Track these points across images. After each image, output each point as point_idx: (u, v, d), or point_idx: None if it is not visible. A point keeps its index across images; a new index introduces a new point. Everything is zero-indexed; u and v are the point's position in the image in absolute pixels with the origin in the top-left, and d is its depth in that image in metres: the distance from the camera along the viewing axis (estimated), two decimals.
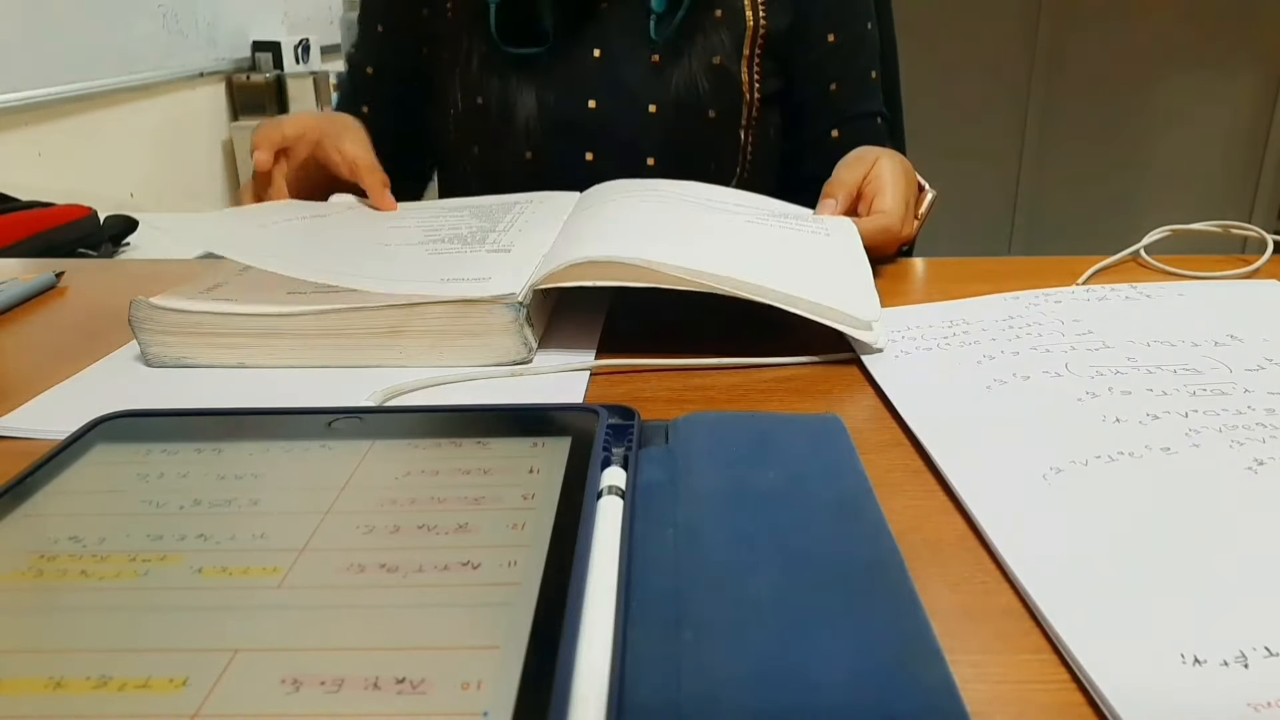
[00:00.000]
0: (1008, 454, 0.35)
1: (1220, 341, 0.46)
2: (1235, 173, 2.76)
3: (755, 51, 0.80)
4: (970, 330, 0.49)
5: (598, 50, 0.79)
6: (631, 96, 0.79)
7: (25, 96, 1.87)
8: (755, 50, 0.79)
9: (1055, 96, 2.73)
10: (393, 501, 0.30)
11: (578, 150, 0.80)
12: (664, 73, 0.78)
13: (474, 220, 0.61)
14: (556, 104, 0.79)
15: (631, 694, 0.22)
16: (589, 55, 0.79)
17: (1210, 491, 0.32)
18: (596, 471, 0.31)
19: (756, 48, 0.79)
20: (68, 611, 0.25)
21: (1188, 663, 0.24)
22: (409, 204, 0.72)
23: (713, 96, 0.79)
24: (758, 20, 0.79)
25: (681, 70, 0.78)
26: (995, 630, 0.27)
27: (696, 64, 0.78)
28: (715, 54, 0.78)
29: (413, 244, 0.56)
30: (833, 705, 0.22)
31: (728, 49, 0.78)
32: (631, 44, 0.78)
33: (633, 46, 0.78)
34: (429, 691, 0.21)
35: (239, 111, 2.68)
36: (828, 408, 0.42)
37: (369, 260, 0.53)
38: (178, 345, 0.48)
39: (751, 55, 0.80)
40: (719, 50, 0.78)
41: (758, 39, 0.79)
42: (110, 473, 0.32)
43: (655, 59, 0.78)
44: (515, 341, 0.47)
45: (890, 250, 0.64)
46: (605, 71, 0.79)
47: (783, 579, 0.26)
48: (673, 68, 0.78)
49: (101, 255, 1.61)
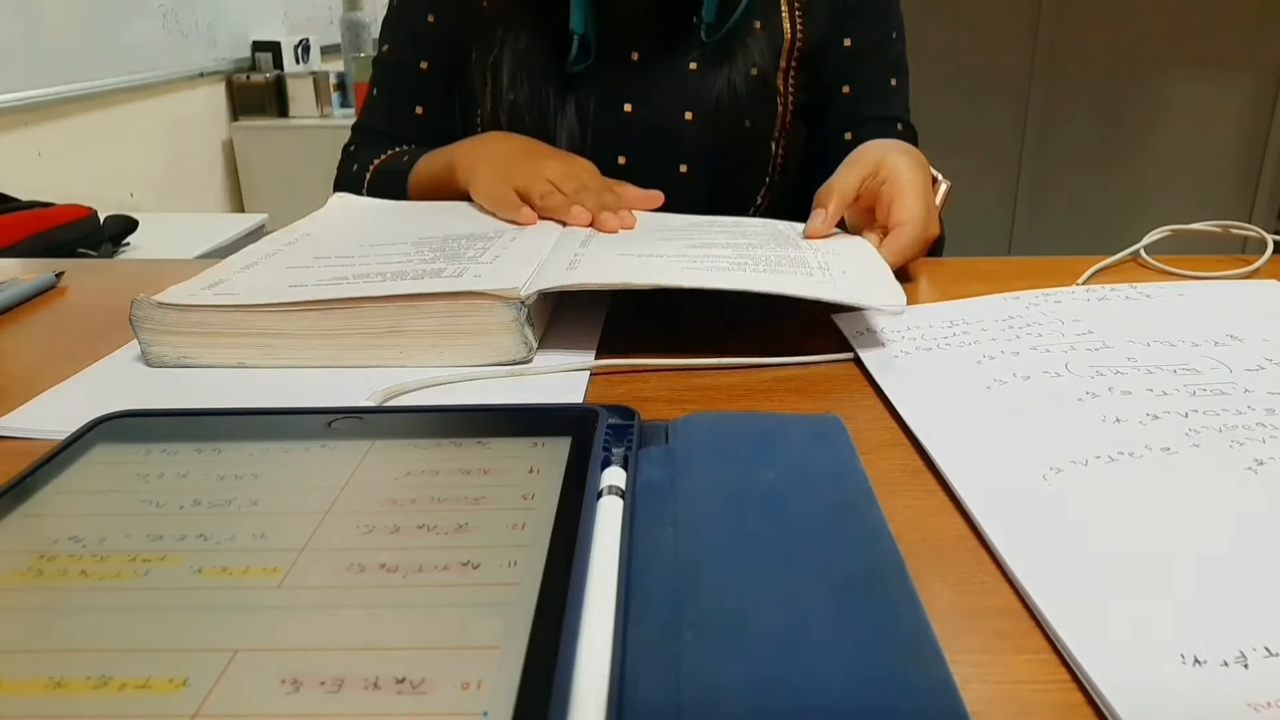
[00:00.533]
0: (1008, 454, 0.35)
1: (1220, 341, 0.46)
2: (1235, 173, 2.76)
3: (792, 64, 0.80)
4: (970, 330, 0.49)
5: (636, 54, 0.79)
6: (668, 103, 0.78)
7: (25, 96, 1.87)
8: (792, 62, 0.79)
9: (1055, 96, 2.73)
10: (393, 501, 0.30)
11: (611, 154, 0.80)
12: (702, 81, 0.78)
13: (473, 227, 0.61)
14: (593, 107, 0.78)
15: (631, 694, 0.22)
16: (628, 59, 0.79)
17: (1210, 492, 0.32)
18: (596, 471, 0.31)
19: (793, 60, 0.79)
20: (68, 611, 0.25)
21: (1188, 663, 0.24)
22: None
23: (749, 106, 0.79)
24: (794, 32, 0.79)
25: (720, 79, 0.78)
26: (995, 630, 0.27)
27: (735, 74, 0.78)
28: (753, 65, 0.78)
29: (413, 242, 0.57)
30: (833, 705, 0.22)
31: (766, 60, 0.78)
32: (672, 51, 0.78)
33: (672, 54, 0.78)
34: (429, 691, 0.21)
35: (239, 111, 2.68)
36: (828, 408, 0.42)
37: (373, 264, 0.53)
38: (179, 345, 0.48)
39: (788, 67, 0.79)
40: (757, 61, 0.78)
41: (794, 51, 0.79)
42: (110, 473, 0.32)
43: (693, 66, 0.78)
44: (515, 340, 0.47)
45: (921, 255, 0.61)
46: (643, 76, 0.79)
47: (783, 579, 0.26)
48: (711, 77, 0.78)
49: (101, 255, 1.61)
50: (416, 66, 0.83)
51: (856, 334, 0.49)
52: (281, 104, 2.66)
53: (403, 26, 0.84)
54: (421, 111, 0.84)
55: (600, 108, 0.79)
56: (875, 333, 0.49)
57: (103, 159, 2.14)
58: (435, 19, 0.82)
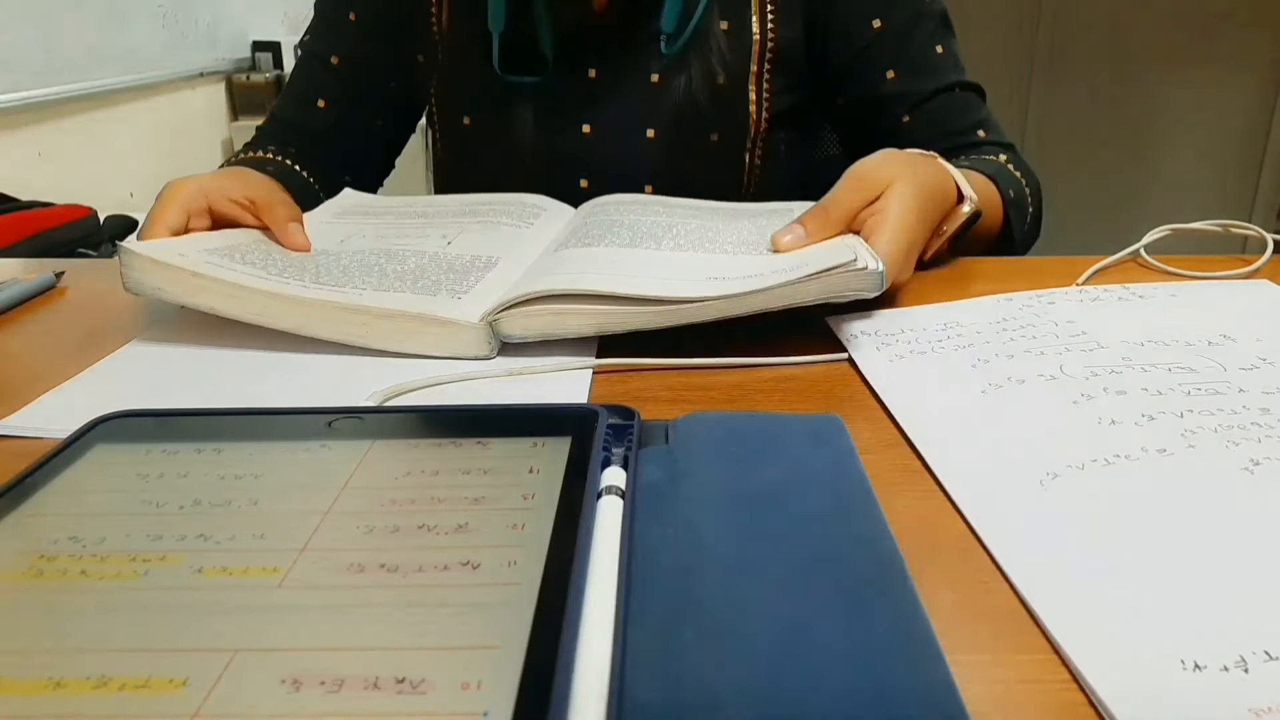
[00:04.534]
0: (1004, 461, 0.35)
1: (1214, 341, 0.46)
2: (1235, 173, 2.76)
3: (764, 68, 0.75)
4: (965, 333, 0.49)
5: (594, 71, 0.75)
6: (629, 121, 0.75)
7: (25, 96, 1.87)
8: (764, 66, 0.75)
9: (1055, 96, 2.73)
10: (393, 501, 0.30)
11: (572, 178, 0.76)
12: (664, 93, 0.74)
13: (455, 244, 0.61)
14: (550, 129, 0.75)
15: (631, 694, 0.22)
16: (585, 75, 0.75)
17: (1207, 493, 0.32)
18: (596, 471, 0.31)
19: (765, 63, 0.75)
20: (68, 611, 0.25)
21: (1188, 669, 0.24)
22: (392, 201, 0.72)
23: (715, 120, 0.74)
24: (765, 31, 0.74)
25: (683, 91, 0.73)
26: (995, 630, 0.27)
27: (698, 83, 0.73)
28: (720, 73, 0.73)
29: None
30: (832, 705, 0.22)
31: (733, 66, 0.74)
32: (631, 64, 0.74)
33: (632, 67, 0.74)
34: (429, 691, 0.21)
35: (239, 111, 2.68)
36: (828, 408, 0.42)
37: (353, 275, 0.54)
38: (156, 279, 0.50)
39: (760, 72, 0.75)
40: (723, 69, 0.73)
41: (766, 53, 0.74)
42: (110, 473, 0.32)
43: (655, 79, 0.74)
44: (478, 338, 0.47)
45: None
46: (602, 94, 0.75)
47: (783, 579, 0.26)
48: (674, 88, 0.73)
49: (101, 255, 1.61)
50: (327, 60, 0.82)
51: (851, 337, 0.49)
52: None
53: (322, 18, 0.83)
54: (324, 105, 0.81)
55: (558, 131, 0.75)
56: (871, 335, 0.49)
57: (103, 159, 2.14)
58: (355, 17, 0.81)
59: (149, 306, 0.57)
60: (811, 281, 0.47)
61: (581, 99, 0.75)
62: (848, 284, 0.47)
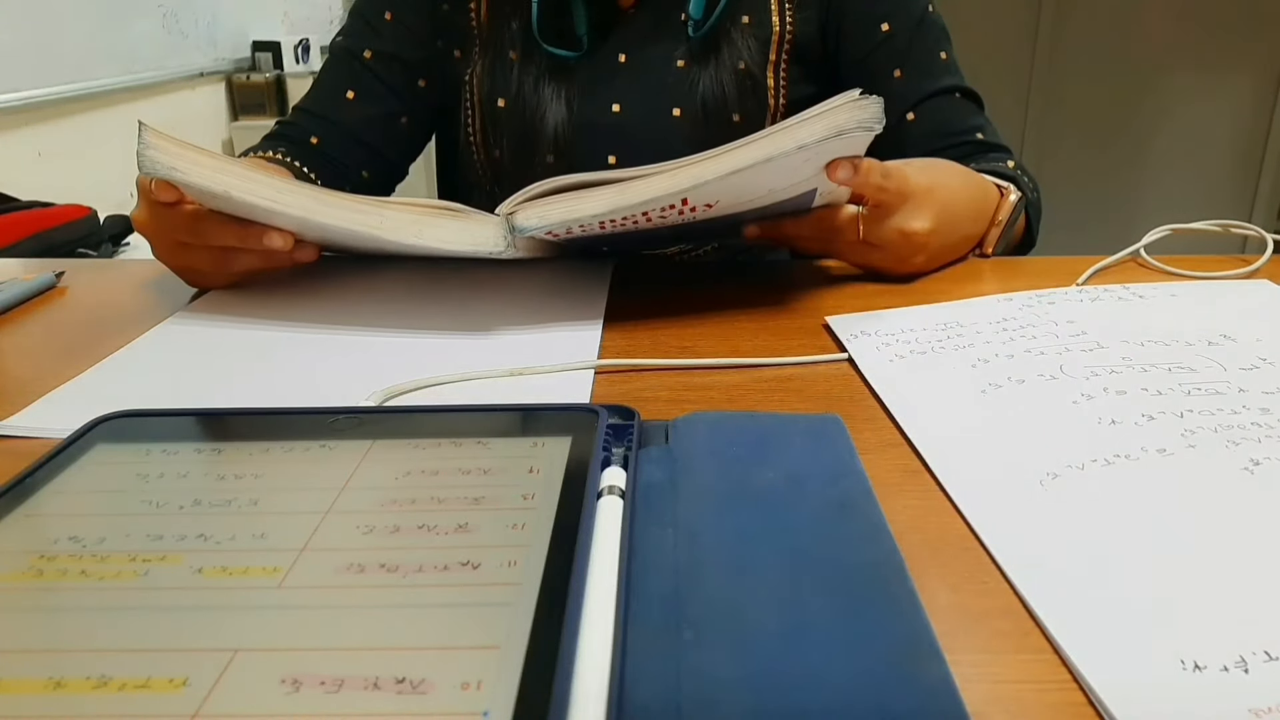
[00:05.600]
0: (1004, 461, 0.35)
1: (1214, 341, 0.46)
2: (1235, 173, 2.76)
3: (782, 57, 0.80)
4: (965, 333, 0.49)
5: (624, 55, 0.80)
6: (656, 101, 0.79)
7: (25, 96, 1.87)
8: (782, 56, 0.80)
9: (1055, 96, 2.73)
10: (393, 501, 0.30)
11: (601, 154, 0.80)
12: (690, 78, 0.79)
13: None
14: (582, 107, 0.79)
15: (631, 694, 0.22)
16: (615, 59, 0.80)
17: (1207, 493, 0.32)
18: (596, 471, 0.31)
19: (783, 54, 0.80)
20: (68, 611, 0.25)
21: (1188, 669, 0.24)
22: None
23: (738, 101, 0.79)
24: (784, 25, 0.80)
25: (708, 75, 0.78)
26: (995, 630, 0.27)
27: (723, 69, 0.78)
28: (741, 60, 0.79)
29: None
30: (832, 705, 0.22)
31: (754, 55, 0.79)
32: (659, 49, 0.79)
33: (660, 51, 0.79)
34: (429, 691, 0.21)
35: (239, 111, 2.68)
36: (828, 408, 0.42)
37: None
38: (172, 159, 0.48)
39: (778, 61, 0.80)
40: (745, 56, 0.79)
41: (784, 44, 0.80)
42: (110, 473, 0.32)
43: (681, 64, 0.79)
44: (496, 229, 0.46)
45: (845, 256, 0.61)
46: (631, 76, 0.80)
47: (783, 579, 0.26)
48: (699, 73, 0.78)
49: (101, 255, 1.61)
50: (360, 54, 0.85)
51: (851, 337, 0.49)
52: (281, 104, 2.67)
53: (358, 17, 0.86)
54: (353, 96, 0.84)
55: (588, 109, 0.80)
56: (871, 335, 0.49)
57: (103, 159, 2.14)
58: (392, 16, 0.84)
59: (149, 306, 0.57)
60: (817, 120, 0.46)
61: (612, 80, 0.80)
62: (852, 115, 0.47)
